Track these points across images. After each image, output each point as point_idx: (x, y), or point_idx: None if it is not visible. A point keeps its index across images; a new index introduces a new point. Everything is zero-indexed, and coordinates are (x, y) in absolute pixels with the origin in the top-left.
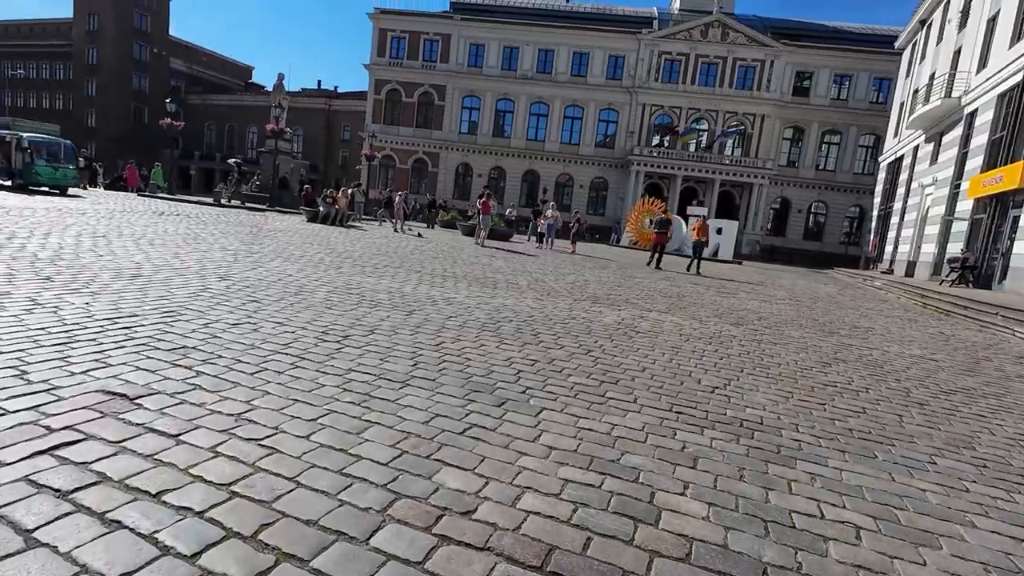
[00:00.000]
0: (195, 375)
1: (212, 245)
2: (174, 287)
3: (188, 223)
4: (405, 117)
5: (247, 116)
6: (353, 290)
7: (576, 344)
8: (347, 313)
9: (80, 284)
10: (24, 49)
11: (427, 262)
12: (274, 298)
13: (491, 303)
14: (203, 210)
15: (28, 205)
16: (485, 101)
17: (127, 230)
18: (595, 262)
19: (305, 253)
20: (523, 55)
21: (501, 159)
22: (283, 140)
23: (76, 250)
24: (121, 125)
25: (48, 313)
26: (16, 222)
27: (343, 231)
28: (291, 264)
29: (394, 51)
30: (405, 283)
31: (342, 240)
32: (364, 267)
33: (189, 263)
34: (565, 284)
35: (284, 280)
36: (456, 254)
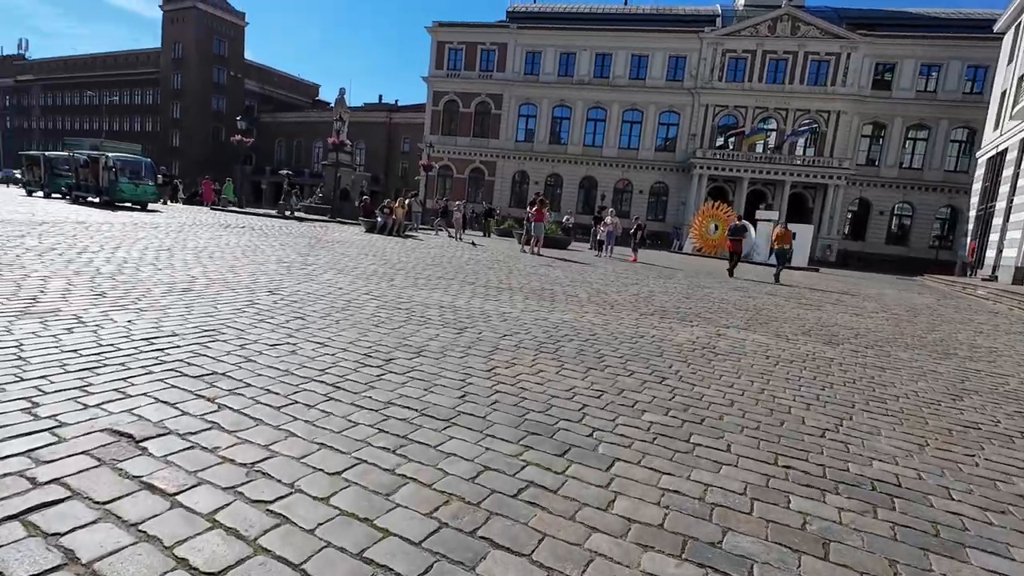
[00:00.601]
0: (216, 409)
1: (269, 257)
2: (221, 302)
3: (251, 235)
4: (462, 127)
5: (314, 132)
6: (403, 304)
7: (647, 369)
8: (394, 331)
9: (130, 300)
10: (119, 78)
11: (482, 273)
12: (320, 314)
13: (549, 319)
14: (268, 222)
15: (108, 220)
16: (541, 108)
17: (191, 243)
18: (658, 271)
19: (359, 265)
20: (580, 60)
21: (558, 166)
22: (344, 152)
23: (138, 264)
24: (202, 144)
25: (87, 332)
26: (92, 237)
27: (399, 241)
28: (343, 276)
29: (452, 63)
30: (458, 296)
31: (397, 251)
32: (417, 279)
33: (242, 276)
34: (629, 296)
35: (334, 294)
36: (512, 264)
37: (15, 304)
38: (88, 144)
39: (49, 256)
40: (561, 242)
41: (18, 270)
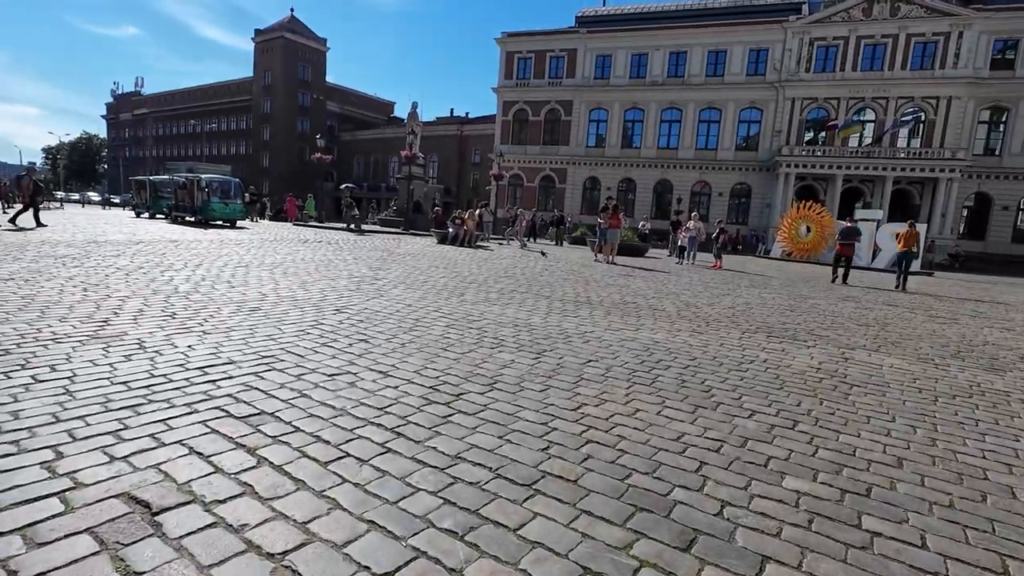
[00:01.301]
0: (255, 464)
1: (340, 272)
2: (287, 322)
3: (326, 250)
4: (532, 135)
5: (389, 147)
6: (474, 322)
7: (770, 407)
8: (464, 356)
9: (197, 321)
10: (216, 107)
11: (557, 285)
12: (386, 335)
13: (637, 338)
14: (345, 236)
15: (198, 238)
16: (613, 112)
17: (269, 258)
18: (749, 279)
19: (429, 278)
20: (652, 61)
21: (630, 170)
22: (416, 165)
23: (214, 281)
24: (288, 164)
25: (144, 360)
26: (180, 255)
27: (470, 252)
28: (413, 292)
29: (521, 72)
30: (533, 312)
31: (468, 262)
32: (489, 293)
33: (312, 293)
34: (723, 309)
35: (401, 312)
36: (587, 274)
37: (87, 328)
38: (184, 168)
39: (135, 275)
40: (638, 249)
41: (102, 290)
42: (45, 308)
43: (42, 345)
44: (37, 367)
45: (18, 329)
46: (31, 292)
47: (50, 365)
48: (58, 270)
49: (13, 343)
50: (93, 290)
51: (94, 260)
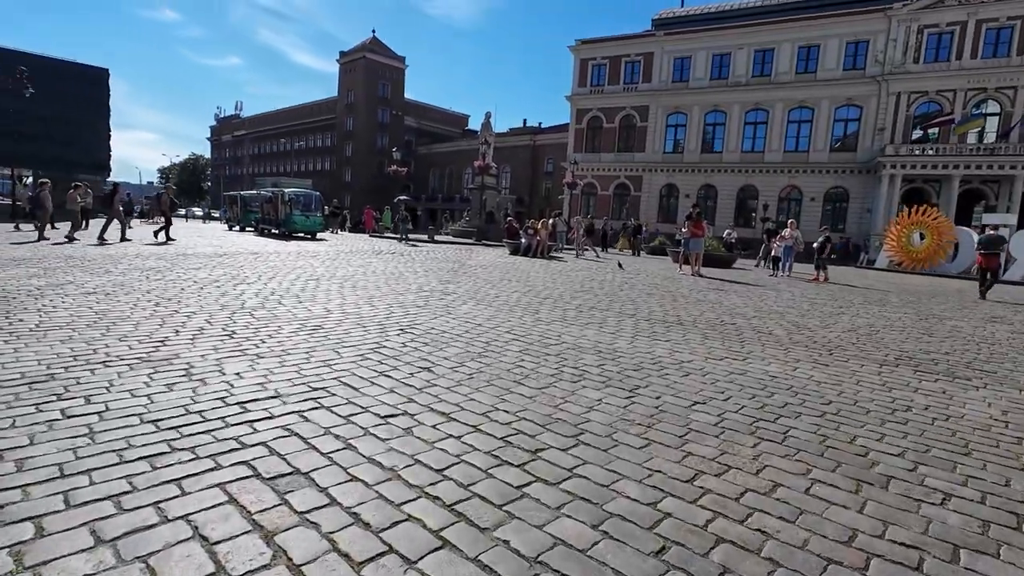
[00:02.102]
0: (270, 559)
1: (409, 286)
2: (346, 344)
3: (398, 262)
4: (606, 143)
5: (463, 159)
6: (551, 347)
7: (965, 486)
8: (542, 392)
9: (254, 342)
10: (303, 126)
11: (640, 301)
12: (452, 362)
13: (748, 371)
14: (420, 247)
15: (278, 250)
16: (692, 116)
17: (341, 271)
18: (861, 294)
19: (500, 293)
20: (735, 60)
21: (711, 176)
22: (489, 175)
23: (283, 295)
24: (368, 178)
25: (185, 392)
26: (256, 268)
27: (544, 264)
28: (483, 308)
29: (595, 78)
30: (618, 334)
31: (542, 275)
32: (566, 310)
33: (378, 309)
34: (842, 332)
35: (471, 332)
36: (673, 288)
37: (142, 348)
38: (270, 183)
39: (208, 289)
40: (724, 260)
41: (173, 305)
42: (112, 325)
43: (90, 369)
44: (73, 398)
45: (75, 349)
46: (106, 307)
47: (87, 396)
48: (140, 283)
49: (63, 366)
50: (164, 305)
51: (176, 273)
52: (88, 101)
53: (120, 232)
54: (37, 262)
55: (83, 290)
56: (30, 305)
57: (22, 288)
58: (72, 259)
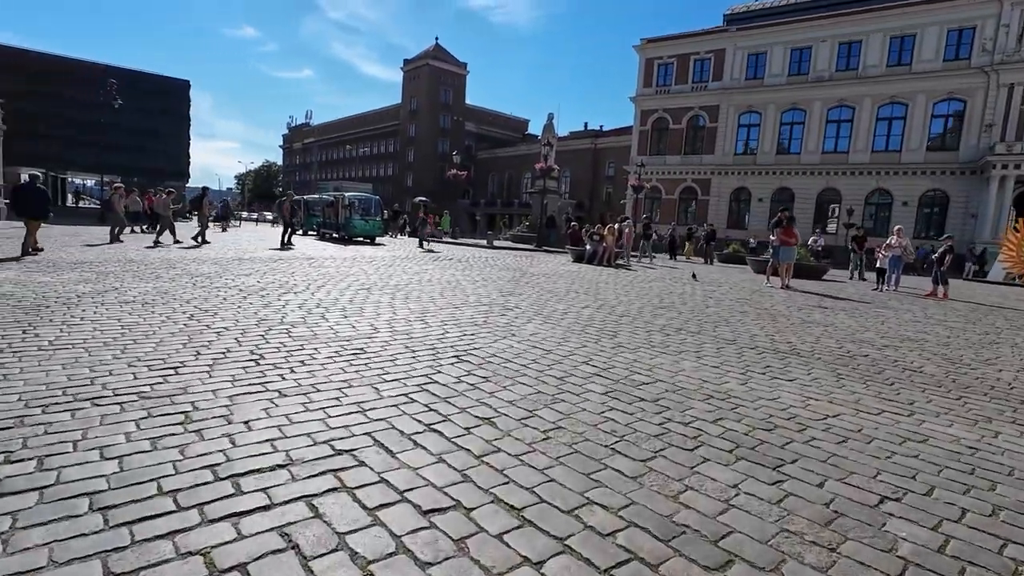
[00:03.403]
0: None
1: (467, 297)
2: (390, 377)
3: (455, 268)
4: (672, 145)
5: (523, 164)
6: (644, 387)
7: None
8: (648, 471)
9: (280, 372)
10: (367, 133)
11: (735, 321)
12: (520, 411)
13: (930, 436)
14: (475, 253)
15: (334, 255)
16: (766, 115)
17: (395, 279)
18: (1000, 315)
19: (570, 308)
20: (816, 55)
21: (787, 178)
22: (550, 178)
23: (328, 308)
24: (429, 183)
25: (171, 450)
26: (308, 274)
27: (611, 273)
28: (551, 328)
29: (661, 78)
30: (724, 369)
31: (612, 286)
32: (650, 332)
33: (431, 327)
34: (1021, 373)
35: (540, 362)
36: (766, 305)
37: (147, 378)
38: (332, 187)
39: (251, 299)
40: (814, 271)
41: (207, 319)
42: (130, 344)
43: (72, 410)
44: (24, 459)
45: (72, 378)
46: (136, 320)
47: (41, 456)
48: (184, 291)
49: (45, 403)
50: (198, 318)
51: (225, 279)
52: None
53: (200, 235)
54: (95, 266)
55: (122, 298)
56: (58, 316)
57: (63, 295)
58: (132, 263)
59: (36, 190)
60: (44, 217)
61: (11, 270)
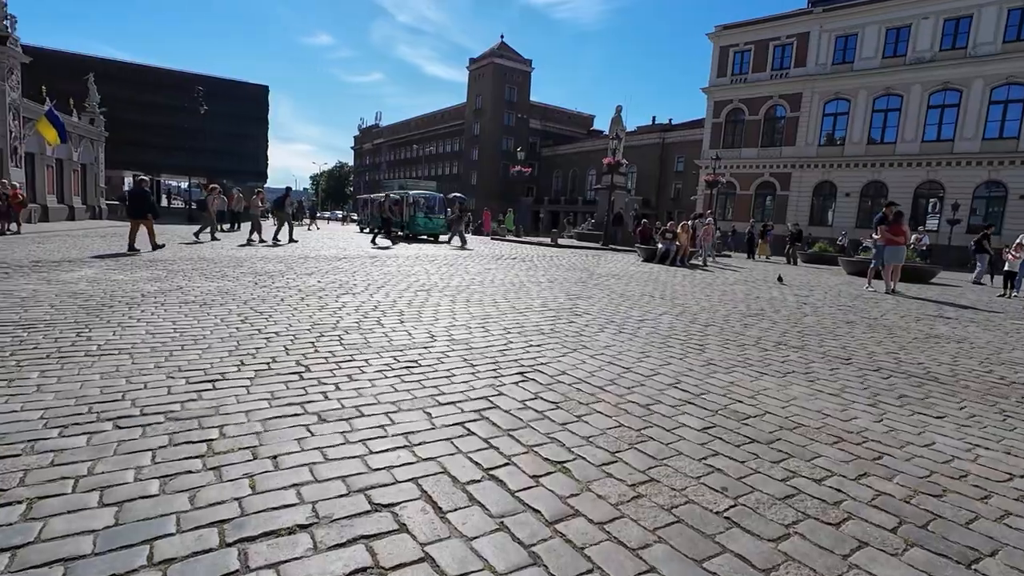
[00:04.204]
0: None
1: (532, 301)
2: (445, 399)
3: (519, 269)
4: (748, 137)
5: (588, 160)
6: (752, 422)
7: None
8: (777, 555)
9: (324, 390)
10: (433, 132)
11: (842, 334)
12: (599, 454)
13: None
14: (539, 252)
15: (398, 254)
16: (856, 103)
17: (456, 279)
18: None
19: (646, 315)
20: (917, 33)
21: (880, 171)
22: (619, 174)
23: (385, 312)
24: (493, 181)
25: (180, 496)
26: (370, 273)
27: (686, 274)
28: (627, 339)
29: (737, 67)
30: (846, 397)
31: (689, 288)
32: (743, 345)
33: (493, 336)
34: None
35: (618, 383)
36: (876, 314)
37: (181, 392)
38: (397, 185)
39: (309, 301)
40: (922, 273)
41: (259, 321)
42: (176, 351)
43: (89, 433)
44: (13, 502)
45: (105, 391)
46: (190, 322)
47: (36, 497)
48: (245, 291)
49: (65, 421)
50: (252, 321)
51: (287, 279)
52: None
53: (288, 233)
54: (168, 264)
55: (184, 299)
56: (116, 317)
57: (130, 294)
58: (204, 261)
59: (141, 192)
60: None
61: (92, 268)
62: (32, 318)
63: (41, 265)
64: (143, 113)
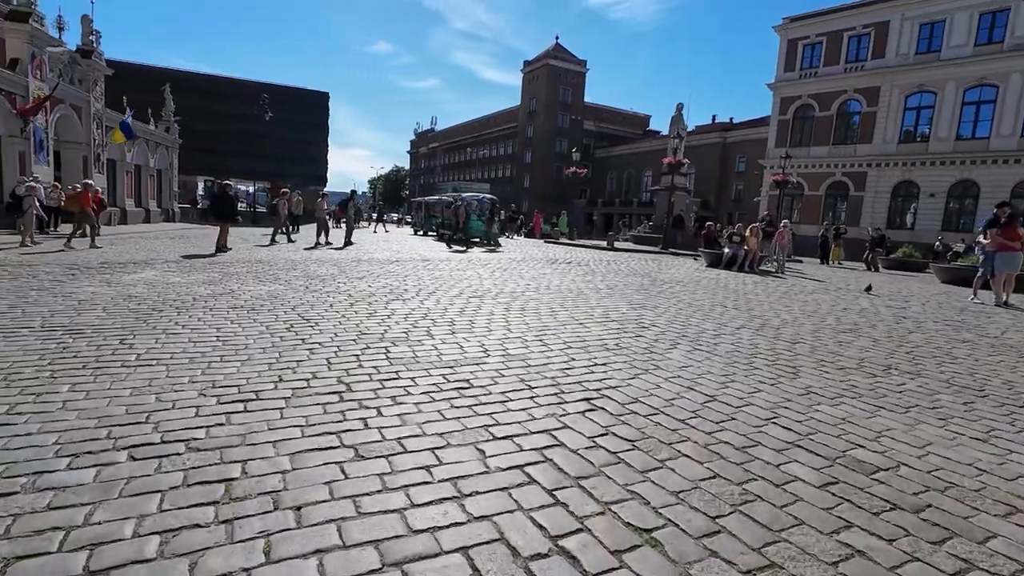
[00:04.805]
0: None
1: (592, 311)
2: (500, 431)
3: (575, 274)
4: (819, 134)
5: (643, 161)
6: (881, 476)
7: None
8: None
9: (365, 415)
10: (486, 136)
11: (961, 356)
12: (696, 512)
13: None
14: (595, 256)
15: (449, 257)
16: (943, 95)
17: (510, 285)
18: None
19: (722, 328)
20: (1017, 17)
21: (970, 169)
22: (679, 174)
23: (436, 320)
24: (546, 183)
25: (179, 562)
26: (421, 278)
27: (757, 281)
28: (706, 359)
29: (806, 60)
30: (1001, 447)
31: (765, 298)
32: (844, 370)
33: (552, 351)
34: None
35: (703, 415)
36: (994, 332)
37: (209, 414)
38: (450, 188)
39: (358, 307)
40: None
41: (304, 330)
42: (212, 363)
43: (100, 466)
44: None
45: (131, 410)
46: (234, 330)
47: (12, 556)
48: (295, 295)
49: (76, 451)
50: (297, 329)
51: (338, 283)
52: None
53: (346, 236)
54: (225, 266)
55: (233, 303)
56: (163, 322)
57: (181, 298)
58: (259, 263)
59: (226, 196)
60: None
61: (152, 270)
62: (82, 323)
63: (107, 267)
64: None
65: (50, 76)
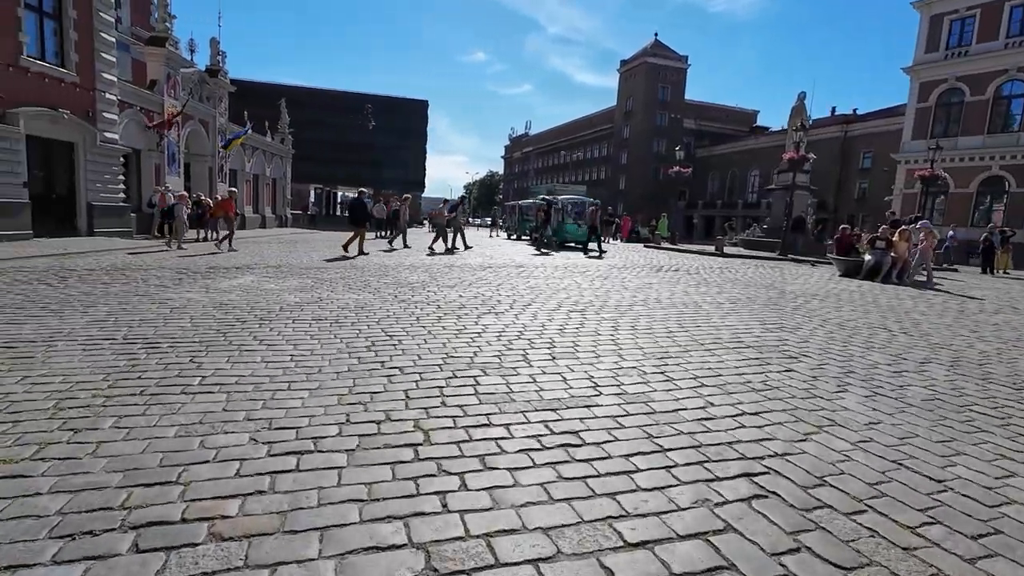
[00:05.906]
0: None
1: (718, 332)
2: (633, 522)
3: (686, 283)
4: (969, 123)
5: (750, 160)
6: None
7: None
8: None
9: (442, 486)
10: (580, 138)
11: None
12: None
13: None
14: (703, 263)
15: (544, 263)
16: None
17: (615, 297)
18: None
19: (898, 361)
20: None
21: None
22: (801, 172)
23: (532, 341)
24: (643, 184)
25: None
26: (514, 286)
27: (914, 295)
28: (895, 408)
29: (954, 38)
30: None
31: (936, 319)
32: None
33: (681, 391)
34: None
35: (941, 516)
36: None
37: (253, 471)
38: (545, 190)
39: (446, 322)
40: None
41: (386, 350)
42: (280, 391)
43: (95, 559)
44: None
45: (164, 461)
46: (311, 348)
47: None
48: (382, 305)
49: (80, 523)
50: (378, 348)
51: (428, 291)
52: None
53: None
54: (319, 272)
55: (317, 314)
56: (241, 337)
57: (267, 308)
58: (356, 269)
59: (361, 204)
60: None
61: (252, 275)
62: (164, 335)
63: (213, 271)
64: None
65: (182, 94)
